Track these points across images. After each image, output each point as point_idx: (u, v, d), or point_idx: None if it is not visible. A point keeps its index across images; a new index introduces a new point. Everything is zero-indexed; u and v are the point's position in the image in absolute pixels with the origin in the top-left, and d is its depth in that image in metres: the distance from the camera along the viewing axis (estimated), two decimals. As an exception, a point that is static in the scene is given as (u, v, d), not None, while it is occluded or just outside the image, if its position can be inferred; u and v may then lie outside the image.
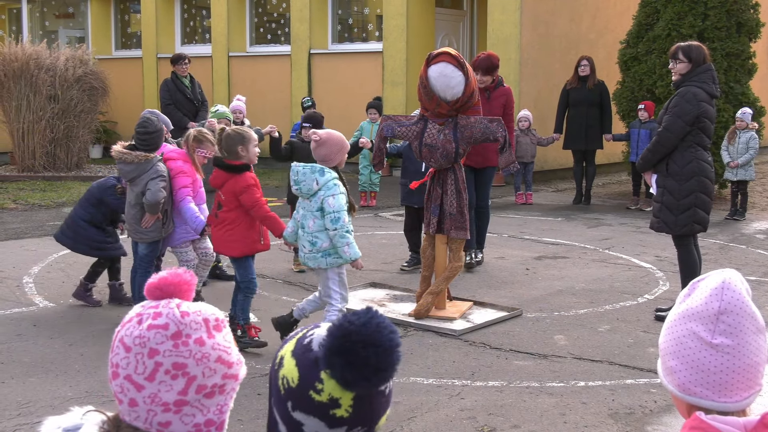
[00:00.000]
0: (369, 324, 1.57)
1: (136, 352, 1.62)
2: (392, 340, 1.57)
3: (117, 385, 1.64)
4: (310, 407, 1.62)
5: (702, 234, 11.00)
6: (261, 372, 5.66)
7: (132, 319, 1.67)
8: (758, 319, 1.79)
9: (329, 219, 5.72)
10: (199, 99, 12.26)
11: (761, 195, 15.04)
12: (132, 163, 6.72)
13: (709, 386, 1.77)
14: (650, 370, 5.76)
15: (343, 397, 1.60)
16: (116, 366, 1.64)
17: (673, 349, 1.82)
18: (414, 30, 16.34)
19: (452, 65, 6.54)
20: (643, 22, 14.30)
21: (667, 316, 1.90)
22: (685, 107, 6.64)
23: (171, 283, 1.70)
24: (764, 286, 8.14)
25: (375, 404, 1.63)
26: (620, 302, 7.56)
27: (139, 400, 1.63)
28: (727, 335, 1.76)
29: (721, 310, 1.76)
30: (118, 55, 21.01)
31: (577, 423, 4.89)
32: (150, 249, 6.90)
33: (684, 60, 6.73)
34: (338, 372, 1.58)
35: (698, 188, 6.76)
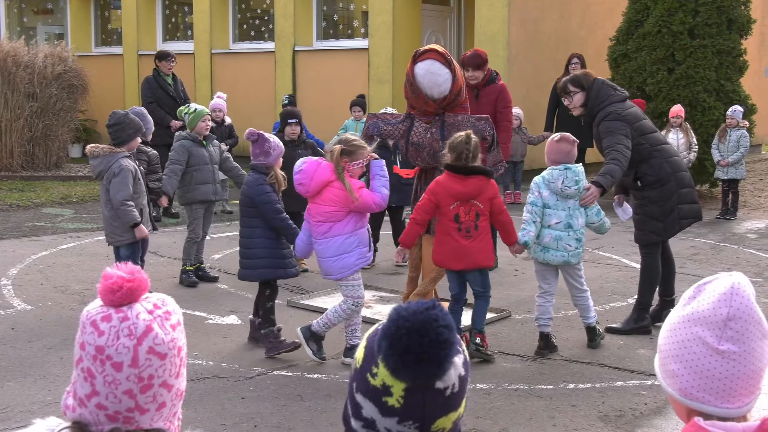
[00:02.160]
0: (421, 313, 1.60)
1: (171, 355, 1.75)
2: (440, 334, 1.58)
3: (149, 396, 1.72)
4: (367, 390, 1.65)
5: (694, 234, 11.09)
6: (245, 375, 5.66)
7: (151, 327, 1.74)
8: (764, 324, 1.79)
9: (594, 212, 6.44)
10: (182, 97, 12.23)
11: (752, 194, 15.10)
12: (98, 156, 6.74)
13: (713, 392, 1.77)
14: (640, 372, 5.78)
15: (394, 386, 1.62)
16: (150, 378, 1.72)
17: (677, 352, 1.82)
18: (400, 27, 16.34)
19: (439, 62, 6.54)
20: (633, 19, 14.34)
21: (668, 318, 1.89)
22: (615, 125, 6.56)
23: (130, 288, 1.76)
24: (756, 286, 8.10)
25: (429, 402, 1.62)
26: (610, 303, 7.58)
27: (167, 400, 1.76)
28: (734, 342, 1.75)
29: (730, 316, 1.76)
30: (98, 52, 20.91)
31: (567, 426, 4.90)
32: (131, 251, 6.90)
33: (577, 90, 6.74)
34: (383, 356, 1.61)
35: (677, 187, 6.72)
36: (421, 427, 1.63)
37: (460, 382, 1.66)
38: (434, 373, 1.59)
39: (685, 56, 13.64)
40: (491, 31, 15.28)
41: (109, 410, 1.71)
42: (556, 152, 6.37)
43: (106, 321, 1.72)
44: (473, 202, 5.90)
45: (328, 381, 5.58)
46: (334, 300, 7.40)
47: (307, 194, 5.84)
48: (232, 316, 7.04)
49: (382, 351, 1.61)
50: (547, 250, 6.26)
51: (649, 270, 6.89)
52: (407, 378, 1.59)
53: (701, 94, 13.56)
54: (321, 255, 5.91)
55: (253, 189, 6.18)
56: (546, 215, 6.27)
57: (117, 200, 6.73)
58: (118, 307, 1.74)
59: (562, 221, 6.25)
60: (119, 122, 6.85)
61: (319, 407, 5.12)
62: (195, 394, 5.27)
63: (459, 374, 1.65)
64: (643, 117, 6.84)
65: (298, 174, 5.79)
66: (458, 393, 1.66)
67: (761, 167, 18.92)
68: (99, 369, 1.71)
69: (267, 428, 4.82)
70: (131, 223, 6.79)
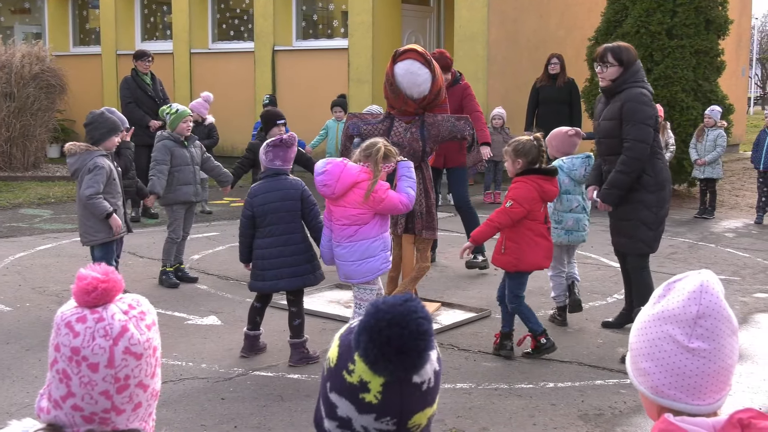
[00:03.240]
0: (400, 305, 1.60)
1: (146, 355, 1.75)
2: (420, 325, 1.58)
3: (125, 396, 1.72)
4: (343, 388, 1.65)
5: (672, 233, 11.16)
6: (225, 376, 5.64)
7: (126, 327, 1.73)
8: (733, 321, 1.81)
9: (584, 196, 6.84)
10: (161, 96, 12.17)
11: (730, 193, 15.21)
12: (75, 154, 6.73)
13: (683, 389, 1.78)
14: (619, 371, 5.80)
15: (372, 382, 1.62)
16: (126, 378, 1.71)
17: (647, 351, 1.83)
18: (380, 26, 16.34)
19: (419, 62, 6.54)
20: (611, 19, 14.41)
21: (638, 316, 1.90)
22: (646, 111, 6.18)
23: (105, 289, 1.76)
24: (733, 285, 8.24)
25: (406, 396, 1.62)
26: (589, 302, 7.61)
27: (143, 400, 1.76)
28: (704, 339, 1.77)
29: (700, 314, 1.77)
30: (76, 52, 20.80)
31: (547, 425, 4.92)
32: (104, 251, 6.88)
33: (614, 63, 6.23)
34: (362, 350, 1.61)
35: (668, 197, 6.46)
36: (398, 423, 1.63)
37: (435, 377, 1.66)
38: (414, 364, 1.60)
39: (663, 56, 13.73)
40: (471, 31, 15.30)
41: (85, 411, 1.71)
42: (570, 145, 6.97)
43: (81, 322, 1.72)
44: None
45: (309, 381, 5.57)
46: (313, 301, 7.41)
47: (331, 196, 5.61)
48: (212, 317, 7.02)
49: (361, 345, 1.61)
50: (570, 233, 6.89)
51: (647, 289, 6.09)
52: (386, 371, 1.59)
53: (679, 93, 13.65)
54: (344, 259, 5.71)
55: (301, 191, 5.94)
56: (566, 201, 6.84)
57: (84, 195, 6.68)
58: (92, 308, 1.73)
59: (580, 204, 6.90)
60: (93, 121, 6.85)
61: (299, 407, 5.11)
62: (174, 395, 5.26)
63: (434, 369, 1.66)
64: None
65: (323, 175, 5.54)
66: (434, 388, 1.66)
67: (738, 167, 19.06)
68: (75, 370, 1.70)
69: (247, 429, 4.81)
70: (104, 214, 6.72)
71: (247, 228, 5.96)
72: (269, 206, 5.87)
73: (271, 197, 5.88)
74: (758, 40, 53.40)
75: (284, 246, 5.88)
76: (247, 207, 5.95)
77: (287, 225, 5.90)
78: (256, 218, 5.90)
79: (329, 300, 7.52)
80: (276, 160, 5.95)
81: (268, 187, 5.94)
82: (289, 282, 5.91)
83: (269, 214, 5.86)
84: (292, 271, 5.88)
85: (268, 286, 5.97)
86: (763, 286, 8.30)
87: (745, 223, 12.21)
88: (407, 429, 1.64)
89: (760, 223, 12.06)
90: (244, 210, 5.99)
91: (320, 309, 7.18)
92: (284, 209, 5.89)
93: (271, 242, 5.88)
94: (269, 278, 5.90)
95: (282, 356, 6.02)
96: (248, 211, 5.93)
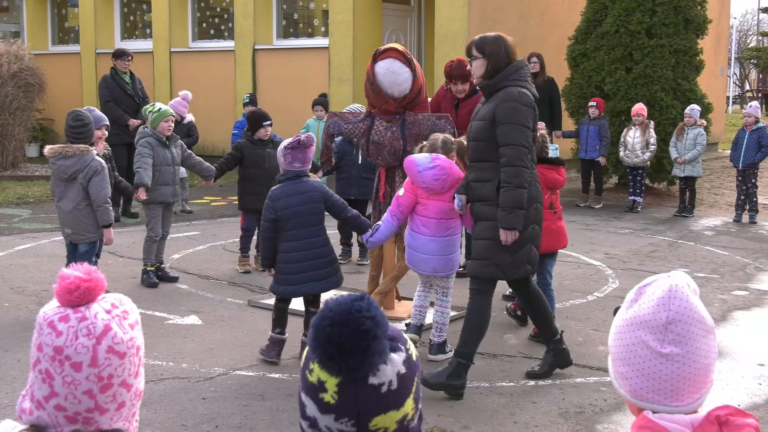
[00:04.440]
0: (346, 304, 1.61)
1: (130, 354, 1.75)
2: (362, 324, 1.59)
3: (109, 395, 1.72)
4: (306, 388, 1.67)
5: (651, 231, 11.22)
6: (205, 376, 5.62)
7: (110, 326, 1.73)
8: (707, 321, 1.81)
9: None
10: (140, 95, 12.13)
11: (709, 192, 15.31)
12: (73, 156, 6.70)
13: (661, 392, 1.80)
14: (600, 369, 5.83)
15: (328, 381, 1.62)
16: (109, 377, 1.71)
17: (624, 356, 1.85)
18: (361, 25, 16.33)
19: (400, 61, 6.54)
20: (591, 18, 14.48)
21: (614, 320, 1.91)
22: (522, 111, 5.25)
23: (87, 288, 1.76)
24: (713, 283, 8.29)
25: (362, 397, 1.62)
26: (570, 300, 7.64)
27: (127, 400, 1.76)
28: (676, 344, 1.78)
29: (669, 319, 1.78)
30: (55, 51, 20.68)
31: (528, 423, 4.93)
32: (89, 248, 6.91)
33: (479, 56, 5.38)
34: (310, 348, 1.62)
35: (535, 218, 5.41)
36: (357, 424, 1.62)
37: (400, 380, 1.64)
38: (357, 364, 1.59)
39: (642, 55, 13.80)
40: (451, 30, 15.32)
41: (69, 411, 1.70)
42: None
43: (64, 321, 1.71)
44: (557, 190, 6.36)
45: (290, 381, 5.57)
46: (295, 300, 7.38)
47: (441, 190, 5.76)
48: (193, 317, 7.00)
49: (309, 343, 1.63)
50: None
51: (479, 316, 5.46)
52: (333, 370, 1.60)
53: (659, 93, 13.73)
54: (436, 253, 5.89)
55: (323, 192, 5.93)
56: None
57: (101, 197, 6.79)
58: (75, 307, 1.72)
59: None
60: (89, 122, 6.88)
61: (280, 407, 5.11)
62: (155, 395, 5.24)
63: (397, 371, 1.64)
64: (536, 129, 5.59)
65: (435, 169, 5.69)
66: (397, 391, 1.64)
67: (717, 165, 19.18)
68: (58, 370, 1.69)
69: (228, 429, 4.80)
70: (107, 222, 6.86)
71: (270, 232, 5.87)
72: (292, 210, 5.81)
73: (294, 201, 5.82)
74: (736, 39, 53.78)
75: (308, 250, 5.84)
76: (269, 211, 5.84)
77: (310, 228, 5.86)
78: (280, 222, 5.82)
79: (310, 299, 7.50)
80: (295, 162, 5.87)
81: (289, 190, 5.85)
82: (314, 285, 5.90)
83: (292, 217, 5.81)
84: (317, 275, 5.86)
85: (291, 290, 5.93)
86: (741, 284, 8.35)
87: (724, 221, 12.29)
88: (370, 431, 1.64)
89: (738, 221, 12.14)
90: (266, 214, 5.88)
91: (301, 308, 7.14)
92: (308, 212, 5.85)
93: (296, 246, 5.83)
94: (295, 282, 5.86)
95: (263, 356, 6.01)
96: (271, 215, 5.83)
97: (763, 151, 12.00)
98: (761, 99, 44.61)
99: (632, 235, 11.02)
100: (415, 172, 5.78)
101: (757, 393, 5.49)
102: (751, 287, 8.26)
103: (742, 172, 12.14)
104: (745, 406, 5.20)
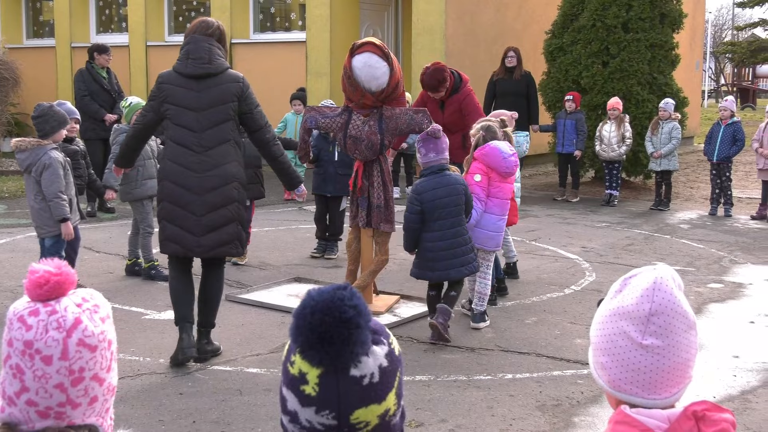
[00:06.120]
0: (328, 293, 1.61)
1: (101, 348, 1.74)
2: (344, 312, 1.58)
3: (81, 389, 1.71)
4: (288, 381, 1.65)
5: (628, 225, 11.28)
6: (183, 371, 5.60)
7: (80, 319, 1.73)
8: (689, 316, 1.83)
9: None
10: (116, 90, 12.06)
11: (685, 185, 15.41)
12: (26, 149, 6.73)
13: (639, 384, 1.80)
14: (577, 361, 5.86)
15: (309, 373, 1.61)
16: (81, 370, 1.70)
17: (605, 346, 1.85)
18: (338, 19, 16.30)
19: (377, 55, 6.54)
20: (568, 13, 14.52)
21: (598, 309, 1.92)
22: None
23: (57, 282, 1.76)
24: (688, 276, 8.35)
25: (343, 390, 1.61)
26: (547, 294, 7.67)
27: (99, 394, 1.75)
28: (657, 336, 1.79)
29: (652, 311, 1.79)
30: (29, 44, 20.52)
31: (505, 416, 4.95)
32: (54, 242, 6.86)
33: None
34: (292, 337, 1.61)
35: (165, 196, 5.62)
36: (338, 417, 1.61)
37: (382, 374, 1.63)
38: (339, 353, 1.58)
39: (619, 50, 13.86)
40: (428, 24, 15.32)
41: (40, 406, 1.69)
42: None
43: (34, 315, 1.70)
44: None
45: (268, 375, 5.56)
46: (272, 294, 7.40)
47: (513, 174, 6.69)
48: (170, 311, 6.95)
49: (291, 332, 1.62)
50: None
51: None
52: (315, 360, 1.59)
53: (635, 87, 13.80)
54: (500, 230, 6.76)
55: (464, 185, 6.34)
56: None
57: (51, 192, 6.70)
58: (45, 301, 1.72)
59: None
60: (43, 114, 6.86)
61: (258, 402, 5.10)
62: (132, 390, 5.21)
63: (379, 364, 1.63)
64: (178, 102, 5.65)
65: (514, 156, 6.60)
66: (379, 384, 1.63)
67: (693, 159, 19.31)
68: (28, 364, 1.68)
69: (206, 424, 4.78)
70: (60, 218, 6.74)
71: (416, 223, 6.26)
72: (438, 202, 6.19)
73: (439, 193, 6.20)
74: (712, 34, 54.11)
75: (453, 239, 6.24)
76: (415, 203, 6.22)
77: (454, 219, 6.25)
78: (425, 213, 6.21)
79: (288, 294, 7.50)
80: (430, 152, 6.29)
81: (434, 183, 6.24)
82: (458, 271, 6.30)
83: (438, 209, 6.20)
84: (460, 261, 6.28)
85: (437, 276, 6.34)
86: (716, 277, 8.42)
87: (700, 214, 12.38)
88: (351, 425, 1.62)
89: (714, 214, 12.23)
90: (411, 206, 6.25)
91: (279, 303, 7.16)
92: (452, 204, 6.23)
93: (441, 236, 6.22)
94: (440, 269, 6.27)
95: (240, 350, 6.00)
96: (417, 207, 6.22)
97: (737, 145, 12.09)
98: (736, 93, 44.99)
99: (609, 228, 11.08)
100: (501, 158, 6.51)
101: (732, 385, 5.54)
102: (726, 280, 8.32)
103: (716, 165, 12.22)
104: (720, 398, 5.24)
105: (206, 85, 5.63)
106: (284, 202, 12.67)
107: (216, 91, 5.63)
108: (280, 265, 8.66)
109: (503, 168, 6.54)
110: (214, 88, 5.64)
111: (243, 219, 5.76)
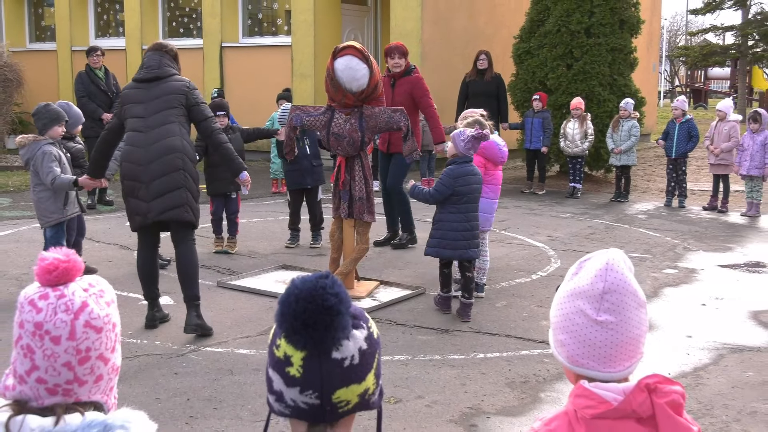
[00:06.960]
0: (311, 282, 1.61)
1: (106, 330, 1.75)
2: (326, 300, 1.58)
3: (87, 368, 1.72)
4: (273, 363, 1.66)
5: (590, 215, 11.33)
6: (178, 352, 5.59)
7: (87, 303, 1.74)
8: (639, 295, 1.85)
9: None
10: (114, 91, 11.97)
11: (642, 178, 15.49)
12: (25, 145, 6.78)
13: (595, 359, 1.83)
14: (543, 342, 5.89)
15: (294, 356, 1.61)
16: (87, 350, 1.72)
17: (563, 324, 1.88)
18: (321, 25, 16.26)
19: (357, 58, 6.53)
20: (535, 19, 14.54)
21: (557, 292, 1.94)
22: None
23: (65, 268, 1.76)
24: (645, 262, 8.40)
25: (325, 371, 1.61)
26: (516, 279, 7.70)
27: (104, 373, 1.76)
28: (610, 313, 1.81)
29: (605, 289, 1.82)
30: (32, 48, 20.35)
31: (477, 392, 4.97)
32: (55, 232, 6.85)
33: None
34: (277, 323, 1.62)
35: (123, 175, 5.91)
36: (320, 396, 1.62)
37: (362, 356, 1.64)
38: (322, 338, 1.59)
39: (582, 53, 13.90)
40: (406, 29, 15.31)
41: (49, 383, 1.70)
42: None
43: (44, 299, 1.72)
44: None
45: (257, 356, 5.56)
46: (262, 281, 7.38)
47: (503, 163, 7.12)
48: (165, 297, 6.94)
49: (276, 318, 1.62)
50: None
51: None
52: (299, 344, 1.60)
53: (596, 87, 13.85)
54: (492, 212, 7.11)
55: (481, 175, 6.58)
56: None
57: (48, 181, 6.70)
58: (54, 286, 1.73)
59: None
60: (36, 112, 6.97)
61: (248, 380, 5.10)
62: (130, 371, 5.20)
63: (359, 347, 1.63)
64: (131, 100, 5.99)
65: (505, 147, 7.04)
66: (359, 366, 1.64)
67: (650, 154, 19.41)
68: (38, 344, 1.70)
69: (199, 401, 4.78)
70: (71, 185, 6.73)
71: (440, 200, 6.41)
72: (469, 187, 6.39)
73: (471, 180, 6.40)
74: (667, 38, 54.34)
75: (471, 222, 6.42)
76: (447, 185, 6.33)
77: (475, 204, 6.48)
78: (453, 196, 6.34)
79: (275, 280, 7.49)
80: (472, 150, 6.40)
81: (467, 171, 6.40)
82: (474, 252, 6.49)
83: (467, 194, 6.38)
84: (475, 243, 6.49)
85: (457, 254, 6.44)
86: (671, 263, 8.48)
87: (656, 205, 12.45)
88: (333, 404, 1.62)
89: (669, 205, 12.31)
90: (442, 188, 6.34)
91: (267, 288, 7.15)
92: (476, 191, 6.48)
93: (462, 218, 6.38)
94: (460, 248, 6.39)
95: (231, 333, 5.99)
96: (448, 190, 6.33)
97: (693, 141, 12.17)
98: (689, 93, 45.21)
99: (572, 218, 11.13)
100: (497, 150, 6.91)
101: (686, 362, 5.58)
102: (680, 266, 8.38)
103: (673, 161, 12.29)
104: (675, 375, 5.29)
105: (155, 84, 5.98)
106: (272, 195, 12.65)
107: (163, 88, 5.96)
108: (267, 253, 8.64)
109: (499, 158, 6.95)
110: (162, 85, 5.97)
111: (192, 188, 5.88)
